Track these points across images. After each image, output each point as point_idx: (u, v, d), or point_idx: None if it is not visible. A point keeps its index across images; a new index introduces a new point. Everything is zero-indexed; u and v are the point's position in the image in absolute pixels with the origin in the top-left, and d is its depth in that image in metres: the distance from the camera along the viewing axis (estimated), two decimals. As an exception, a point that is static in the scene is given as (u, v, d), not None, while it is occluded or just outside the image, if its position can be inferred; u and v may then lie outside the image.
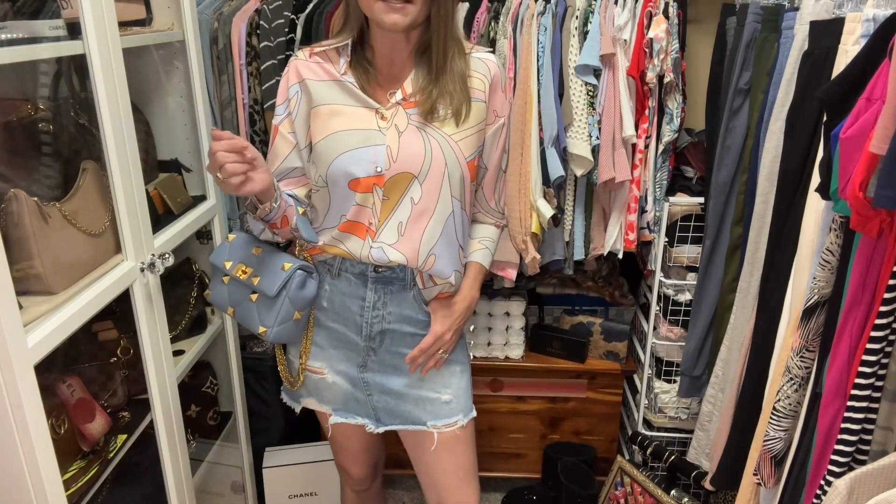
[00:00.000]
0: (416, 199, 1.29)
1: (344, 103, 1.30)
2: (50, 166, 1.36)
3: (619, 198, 1.89)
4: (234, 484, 2.08)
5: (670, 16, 1.75)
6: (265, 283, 1.32)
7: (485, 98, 1.33)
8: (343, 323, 1.39)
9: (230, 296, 1.39)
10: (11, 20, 1.25)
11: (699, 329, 1.84)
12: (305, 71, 1.32)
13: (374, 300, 1.36)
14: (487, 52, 1.36)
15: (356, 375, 1.42)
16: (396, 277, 1.36)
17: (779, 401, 1.21)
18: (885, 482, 0.94)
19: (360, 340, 1.39)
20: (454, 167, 1.30)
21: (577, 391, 2.18)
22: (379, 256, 1.31)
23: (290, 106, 1.34)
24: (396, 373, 1.41)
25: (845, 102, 1.00)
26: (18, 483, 1.09)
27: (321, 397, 1.47)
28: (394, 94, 1.30)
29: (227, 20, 1.84)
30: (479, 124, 1.33)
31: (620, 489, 2.06)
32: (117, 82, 1.29)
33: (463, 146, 1.31)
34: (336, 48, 1.32)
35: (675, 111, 1.82)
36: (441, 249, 1.33)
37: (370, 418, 1.45)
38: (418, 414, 1.41)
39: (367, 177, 1.27)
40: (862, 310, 1.00)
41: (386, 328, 1.38)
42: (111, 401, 1.49)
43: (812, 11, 1.28)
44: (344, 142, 1.28)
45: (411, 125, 1.29)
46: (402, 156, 1.27)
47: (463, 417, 1.43)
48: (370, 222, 1.30)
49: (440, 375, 1.42)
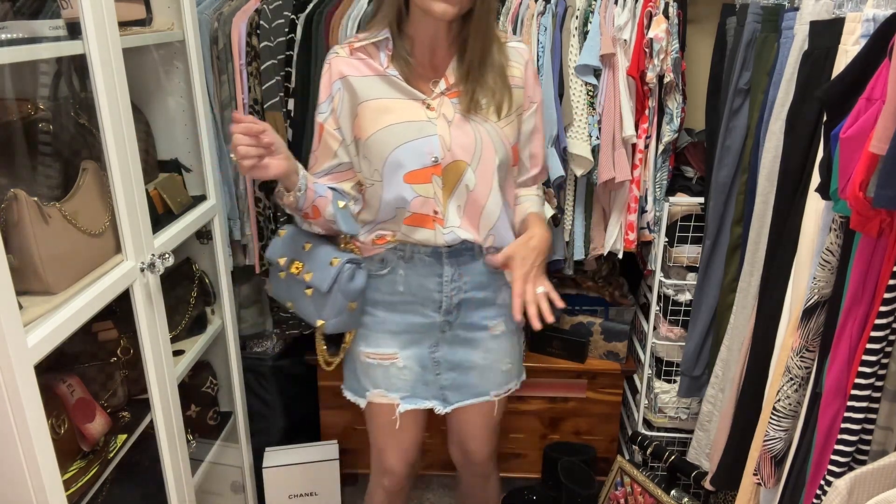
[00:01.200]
0: (472, 186, 1.35)
1: (391, 97, 1.34)
2: (50, 166, 1.36)
3: (619, 198, 1.89)
4: (234, 484, 2.08)
5: (670, 16, 1.75)
6: (317, 279, 1.37)
7: (522, 84, 1.40)
8: (420, 304, 1.44)
9: (288, 291, 1.44)
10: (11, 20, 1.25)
11: (699, 329, 1.84)
12: (347, 68, 1.35)
13: (452, 273, 1.42)
14: (518, 41, 1.44)
15: (427, 357, 1.47)
16: (466, 249, 1.42)
17: (779, 401, 1.21)
18: (885, 482, 0.94)
19: (437, 317, 1.44)
20: (503, 153, 1.37)
21: (577, 391, 2.18)
22: (452, 239, 1.38)
23: (333, 103, 1.37)
24: (466, 345, 1.48)
25: (845, 102, 1.00)
26: (18, 483, 1.09)
27: (389, 385, 1.48)
28: (437, 84, 1.34)
29: (227, 20, 1.84)
30: (517, 109, 1.40)
31: (620, 489, 2.06)
32: (117, 82, 1.29)
33: (507, 132, 1.38)
34: (374, 43, 1.34)
35: (675, 111, 1.82)
36: (499, 229, 1.41)
37: (437, 399, 1.50)
38: (484, 385, 1.51)
39: (424, 168, 1.33)
40: (862, 310, 1.00)
41: (463, 297, 1.44)
42: (111, 401, 1.49)
43: (812, 11, 1.28)
44: (398, 135, 1.32)
45: (458, 114, 1.34)
46: (456, 144, 1.33)
47: (517, 382, 1.58)
48: (436, 211, 1.36)
49: (504, 345, 1.51)
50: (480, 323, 1.48)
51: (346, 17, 1.79)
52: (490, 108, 1.34)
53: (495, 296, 1.48)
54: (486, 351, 1.49)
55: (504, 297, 1.49)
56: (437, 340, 1.47)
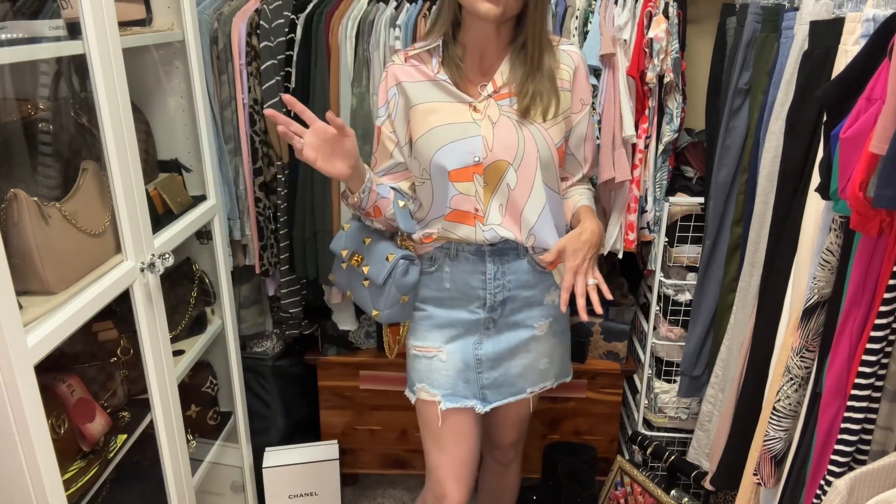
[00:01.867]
0: (513, 185, 1.39)
1: (439, 100, 1.40)
2: (50, 166, 1.36)
3: (619, 198, 1.89)
4: (234, 484, 2.08)
5: (670, 16, 1.75)
6: (373, 272, 1.45)
7: (570, 87, 1.43)
8: (466, 300, 1.48)
9: (347, 281, 1.53)
10: (11, 20, 1.25)
11: (699, 329, 1.84)
12: (401, 74, 1.43)
13: (494, 271, 1.46)
14: (570, 44, 1.47)
15: (470, 354, 1.51)
16: (510, 248, 1.45)
17: (779, 401, 1.21)
18: (885, 482, 0.94)
19: (482, 313, 1.48)
20: (546, 154, 1.39)
21: (577, 391, 2.18)
22: (492, 237, 1.42)
23: (389, 108, 1.45)
24: (509, 344, 1.51)
25: (845, 102, 1.00)
26: (18, 483, 1.09)
27: (432, 380, 1.51)
28: (485, 87, 1.40)
29: (227, 20, 1.84)
30: (565, 112, 1.43)
31: (620, 489, 2.06)
32: (117, 82, 1.29)
33: (553, 133, 1.40)
34: (428, 50, 1.43)
35: (675, 111, 1.82)
36: (540, 229, 1.43)
37: (477, 398, 1.52)
38: (521, 384, 1.55)
39: (466, 166, 1.38)
40: (862, 310, 1.00)
41: (507, 295, 1.48)
42: (111, 401, 1.49)
43: (812, 11, 1.28)
44: (443, 136, 1.38)
45: (503, 116, 1.38)
46: (498, 145, 1.37)
47: (554, 381, 1.61)
48: (476, 209, 1.41)
49: (544, 346, 1.55)
50: (525, 322, 1.51)
51: (346, 17, 1.79)
52: (537, 111, 1.38)
53: (542, 296, 1.51)
54: (527, 351, 1.53)
55: (553, 298, 1.53)
56: (481, 338, 1.51)
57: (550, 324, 1.54)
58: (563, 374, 1.64)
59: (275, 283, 2.10)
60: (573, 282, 1.36)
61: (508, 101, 1.39)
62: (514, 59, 1.39)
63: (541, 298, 1.51)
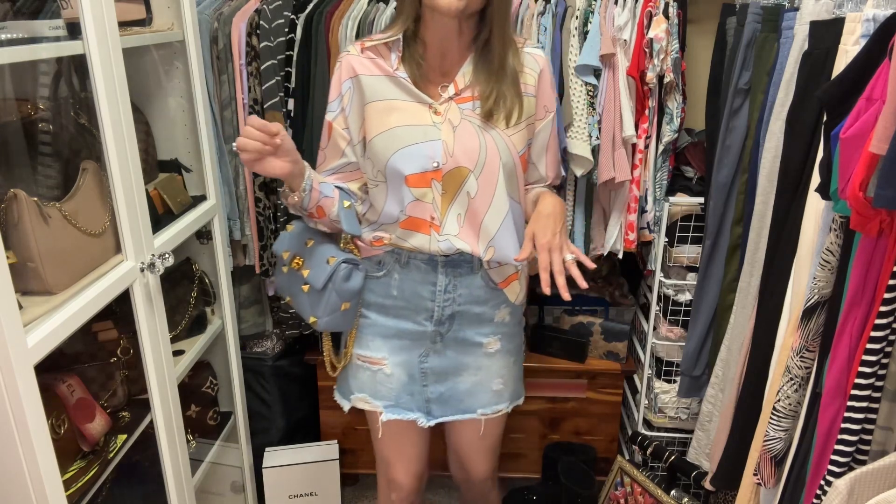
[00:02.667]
0: (473, 194, 1.32)
1: (398, 98, 1.33)
2: (50, 166, 1.36)
3: (619, 198, 1.89)
4: (234, 484, 2.08)
5: (670, 16, 1.75)
6: (313, 276, 1.36)
7: (535, 92, 1.37)
8: (413, 310, 1.42)
9: (287, 285, 1.44)
10: (11, 20, 1.25)
11: (699, 329, 1.84)
12: (358, 66, 1.34)
13: (446, 283, 1.39)
14: (537, 47, 1.41)
15: (416, 366, 1.45)
16: (465, 261, 1.39)
17: (779, 401, 1.21)
18: (885, 482, 0.94)
19: (429, 326, 1.42)
20: (508, 161, 1.33)
21: (577, 391, 2.18)
22: (447, 248, 1.35)
23: (343, 102, 1.36)
24: (457, 360, 1.45)
25: (845, 102, 1.00)
26: (18, 483, 1.09)
27: (375, 392, 1.47)
28: (446, 89, 1.33)
29: (227, 20, 1.84)
30: (528, 118, 1.36)
31: (620, 489, 2.06)
32: (117, 82, 1.29)
33: (515, 140, 1.34)
34: (386, 43, 1.33)
35: (675, 111, 1.82)
36: (500, 241, 1.36)
37: (422, 412, 1.48)
38: (470, 402, 1.48)
39: (424, 171, 1.31)
40: (862, 310, 1.00)
41: (456, 310, 1.42)
42: (111, 401, 1.49)
43: (812, 11, 1.28)
44: (402, 138, 1.31)
45: (465, 120, 1.32)
46: (458, 150, 1.31)
47: (509, 404, 1.53)
48: (432, 217, 1.34)
49: (496, 364, 1.48)
50: (474, 339, 1.45)
51: (347, 17, 1.79)
52: (500, 115, 1.32)
53: (493, 313, 1.46)
54: (477, 368, 1.47)
55: (503, 316, 1.47)
56: (428, 351, 1.45)
57: (500, 341, 1.47)
58: (516, 395, 1.56)
59: (275, 283, 2.10)
60: (549, 259, 1.25)
61: (471, 104, 1.33)
62: (478, 59, 1.32)
63: (491, 315, 1.45)
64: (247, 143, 1.19)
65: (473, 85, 1.33)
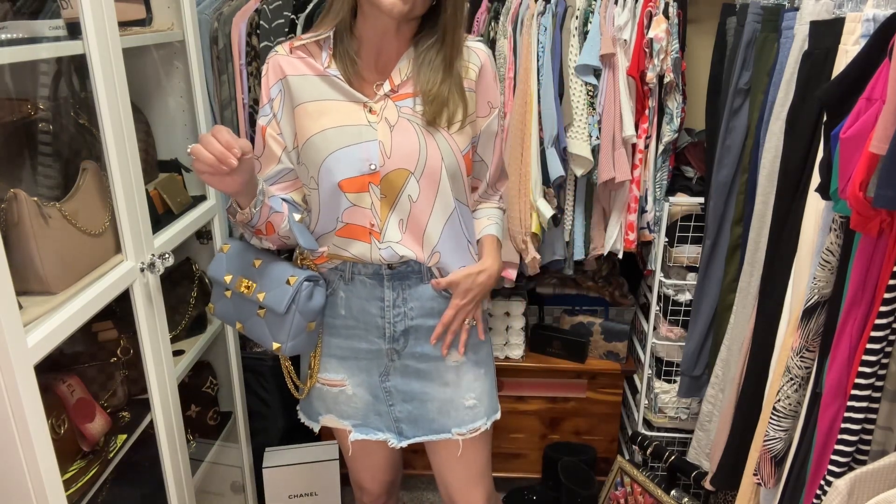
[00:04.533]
0: (415, 197, 1.24)
1: (330, 98, 1.24)
2: (50, 166, 1.36)
3: (619, 198, 1.89)
4: (234, 484, 2.08)
5: (670, 16, 1.75)
6: (272, 299, 1.26)
7: (475, 87, 1.29)
8: (364, 328, 1.33)
9: (236, 311, 1.34)
10: (11, 20, 1.25)
11: (699, 329, 1.84)
12: (287, 67, 1.26)
13: (394, 298, 1.31)
14: (477, 40, 1.32)
15: (377, 386, 1.37)
16: (412, 271, 1.30)
17: (779, 401, 1.21)
18: (885, 482, 0.94)
19: (383, 344, 1.34)
20: (451, 161, 1.25)
21: (577, 391, 2.18)
22: (390, 256, 1.27)
23: (273, 107, 1.28)
24: (420, 377, 1.36)
25: (845, 102, 1.00)
26: (18, 483, 1.09)
27: (340, 412, 1.40)
28: (381, 87, 1.24)
29: (227, 20, 1.84)
30: (470, 115, 1.28)
31: (620, 489, 2.06)
32: (117, 82, 1.29)
33: (458, 139, 1.26)
34: (317, 41, 1.25)
35: (675, 111, 1.82)
36: (445, 245, 1.29)
37: (392, 432, 1.39)
38: (442, 421, 1.37)
39: (360, 175, 1.22)
40: (862, 310, 1.00)
41: (409, 325, 1.32)
42: (111, 401, 1.49)
43: (812, 11, 1.28)
44: (333, 140, 1.22)
45: (402, 118, 1.23)
46: (397, 151, 1.22)
47: (486, 421, 1.40)
48: (372, 224, 1.26)
49: (466, 378, 1.37)
50: (433, 353, 1.35)
51: (346, 17, 1.79)
52: (443, 117, 1.23)
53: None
54: (443, 384, 1.36)
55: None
56: (387, 369, 1.36)
57: (466, 353, 1.36)
58: (492, 410, 1.42)
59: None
60: (452, 318, 1.30)
61: (410, 101, 1.24)
62: (421, 59, 1.23)
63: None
64: (203, 154, 1.07)
65: (413, 81, 1.24)
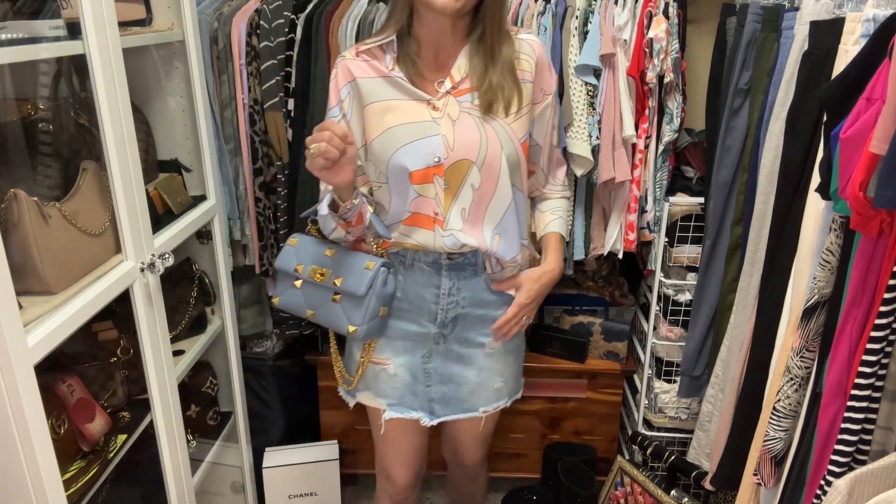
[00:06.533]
0: (476, 185, 1.33)
1: (395, 98, 1.33)
2: (50, 166, 1.36)
3: (619, 198, 1.89)
4: (234, 484, 2.08)
5: (670, 16, 1.75)
6: (350, 284, 1.34)
7: (532, 78, 1.37)
8: (417, 312, 1.42)
9: (307, 299, 1.41)
10: (11, 20, 1.25)
11: (699, 329, 1.84)
12: (355, 70, 1.35)
13: (449, 287, 1.40)
14: (529, 32, 1.42)
15: (419, 367, 1.46)
16: (468, 263, 1.40)
17: (779, 401, 1.21)
18: (885, 482, 0.94)
19: (432, 328, 1.43)
20: (510, 150, 1.34)
21: (577, 391, 2.18)
22: (452, 243, 1.35)
23: (343, 108, 1.37)
24: (460, 361, 1.47)
25: (845, 102, 1.00)
26: (18, 483, 1.09)
27: (378, 390, 1.48)
28: (442, 84, 1.34)
29: (227, 20, 1.84)
30: (527, 105, 1.37)
31: (620, 489, 2.06)
32: (117, 82, 1.29)
33: (516, 128, 1.35)
34: (381, 45, 1.35)
35: (675, 111, 1.82)
36: (504, 230, 1.38)
37: (425, 411, 1.49)
38: (472, 402, 1.49)
39: (426, 168, 1.31)
40: (862, 310, 1.00)
41: (460, 312, 1.42)
42: (111, 401, 1.49)
43: (812, 11, 1.28)
44: (400, 136, 1.31)
45: (464, 113, 1.32)
46: (459, 144, 1.31)
47: (508, 400, 1.55)
48: (436, 212, 1.34)
49: (498, 364, 1.49)
50: (476, 340, 1.46)
51: (347, 17, 1.79)
52: (499, 105, 1.32)
53: (496, 314, 1.46)
54: (479, 369, 1.48)
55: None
56: (431, 351, 1.46)
57: (503, 341, 1.48)
58: (514, 391, 1.57)
59: (275, 283, 2.10)
60: (514, 315, 1.43)
61: (469, 96, 1.33)
62: (472, 52, 1.33)
63: (494, 316, 1.45)
64: (329, 150, 1.17)
65: (470, 77, 1.33)
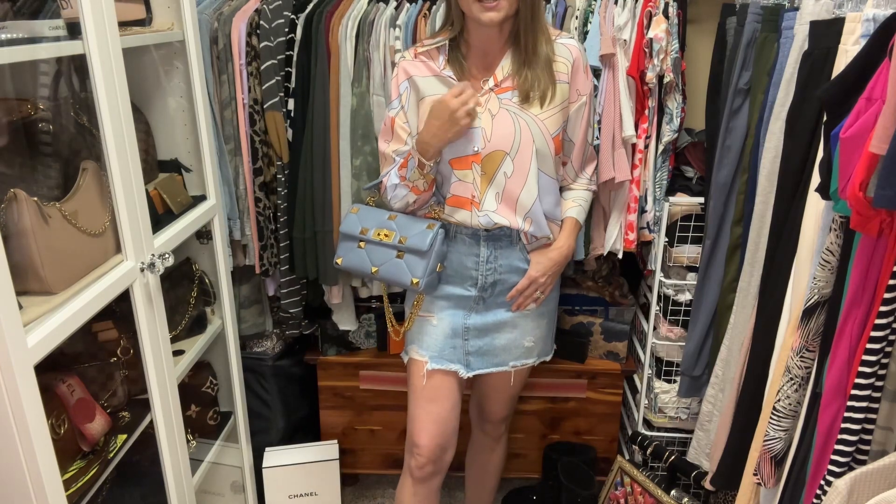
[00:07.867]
0: (509, 173, 1.51)
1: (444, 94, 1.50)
2: (50, 166, 1.36)
3: (619, 198, 1.89)
4: (234, 484, 2.08)
5: (670, 16, 1.75)
6: (415, 241, 1.55)
7: (568, 79, 1.53)
8: (460, 278, 1.61)
9: (371, 257, 1.61)
10: (11, 20, 1.25)
11: (699, 329, 1.84)
12: (412, 69, 1.56)
13: (487, 255, 1.59)
14: (570, 38, 1.56)
15: (459, 324, 1.63)
16: (504, 235, 1.58)
17: (779, 401, 1.21)
18: (885, 482, 0.94)
19: (473, 291, 1.61)
20: (541, 143, 1.51)
21: (577, 391, 2.18)
22: (486, 222, 1.54)
23: (402, 100, 1.58)
24: (496, 320, 1.64)
25: (845, 102, 1.00)
26: (18, 483, 1.09)
27: (422, 343, 1.65)
28: (486, 82, 1.52)
29: (227, 20, 1.84)
30: (562, 103, 1.53)
31: (620, 489, 2.06)
32: (117, 82, 1.29)
33: (549, 124, 1.51)
34: (436, 47, 1.56)
35: (675, 111, 1.82)
36: (535, 214, 1.55)
37: (461, 363, 1.64)
38: (504, 357, 1.68)
39: (466, 156, 1.52)
40: (862, 310, 1.00)
41: (497, 278, 1.61)
42: (111, 401, 1.49)
43: (812, 11, 1.28)
44: None
45: (503, 108, 1.51)
46: (496, 136, 1.50)
47: (536, 359, 1.73)
48: (473, 195, 1.54)
49: (530, 325, 1.67)
50: (510, 303, 1.63)
51: (346, 17, 1.79)
52: (535, 97, 1.49)
53: None
54: (512, 327, 1.65)
55: None
56: (471, 311, 1.63)
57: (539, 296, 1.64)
58: (544, 352, 1.75)
59: (275, 283, 2.10)
60: (525, 287, 1.59)
61: (510, 94, 1.50)
62: (514, 53, 1.50)
63: None
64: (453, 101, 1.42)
65: (512, 76, 1.50)
